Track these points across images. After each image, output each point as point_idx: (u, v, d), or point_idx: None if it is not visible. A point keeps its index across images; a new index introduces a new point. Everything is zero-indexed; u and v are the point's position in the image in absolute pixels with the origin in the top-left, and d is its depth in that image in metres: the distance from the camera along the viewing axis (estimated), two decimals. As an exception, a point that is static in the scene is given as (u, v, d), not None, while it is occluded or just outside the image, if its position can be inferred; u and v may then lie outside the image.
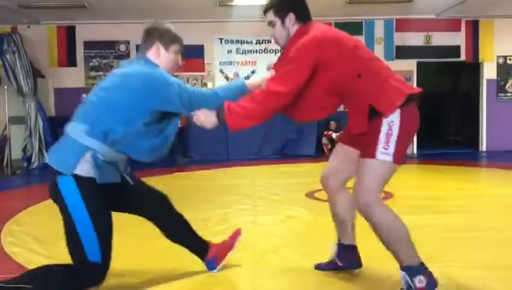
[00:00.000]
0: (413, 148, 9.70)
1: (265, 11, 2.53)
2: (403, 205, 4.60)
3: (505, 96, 9.81)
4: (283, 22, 2.46)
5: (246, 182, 6.26)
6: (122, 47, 9.46)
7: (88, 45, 9.38)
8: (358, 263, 2.74)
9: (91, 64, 9.44)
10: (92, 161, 2.19)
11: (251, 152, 9.19)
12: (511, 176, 6.54)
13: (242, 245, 3.02)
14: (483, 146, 9.85)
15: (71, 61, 9.38)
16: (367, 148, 2.31)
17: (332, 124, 9.21)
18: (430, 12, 9.21)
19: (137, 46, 9.46)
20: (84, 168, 2.18)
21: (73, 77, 9.36)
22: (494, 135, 9.72)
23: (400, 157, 2.30)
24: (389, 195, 5.06)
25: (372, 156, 2.27)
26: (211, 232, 3.63)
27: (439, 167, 7.49)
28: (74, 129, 2.26)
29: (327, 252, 2.80)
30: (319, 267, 2.81)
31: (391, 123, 2.25)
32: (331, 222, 2.78)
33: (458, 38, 9.60)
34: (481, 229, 3.68)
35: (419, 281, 2.27)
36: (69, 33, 9.32)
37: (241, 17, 9.05)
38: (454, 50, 9.61)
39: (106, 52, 9.44)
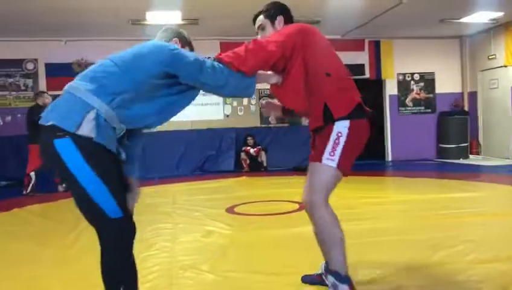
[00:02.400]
0: (326, 160, 10.17)
1: (256, 17, 2.75)
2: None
3: (405, 110, 10.67)
4: (273, 23, 2.69)
5: (165, 201, 6.22)
6: (30, 65, 9.05)
7: (-8, 63, 8.86)
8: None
9: (-5, 83, 8.91)
10: (95, 121, 2.01)
11: (169, 170, 9.13)
12: (412, 183, 7.13)
13: (162, 264, 3.03)
14: (389, 156, 10.60)
15: (-28, 81, 8.80)
16: (316, 153, 2.49)
17: (250, 140, 9.45)
18: (336, 33, 9.82)
19: (46, 64, 9.20)
20: (86, 128, 2.01)
21: (-26, 97, 8.78)
22: (397, 145, 10.52)
23: (344, 166, 2.47)
24: (303, 206, 5.30)
25: (319, 160, 2.45)
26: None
27: (349, 178, 7.92)
28: (78, 87, 2.09)
29: (246, 265, 2.91)
30: (305, 279, 2.84)
31: (339, 134, 2.43)
32: (251, 236, 2.89)
33: (362, 57, 10.32)
34: (387, 233, 3.98)
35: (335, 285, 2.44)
36: (-30, 51, 8.75)
37: (155, 36, 9.03)
38: (359, 68, 10.31)
39: (12, 70, 8.96)
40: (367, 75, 10.40)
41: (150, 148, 9.19)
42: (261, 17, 2.71)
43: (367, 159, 10.68)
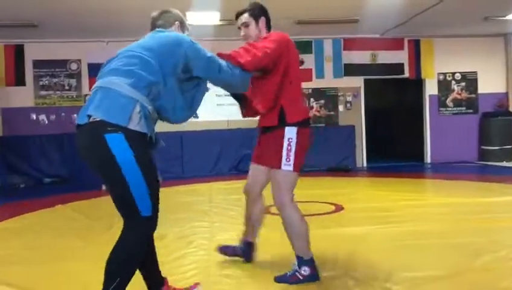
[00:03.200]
0: (363, 161, 10.07)
1: (241, 14, 3.03)
2: (352, 217, 4.83)
3: (446, 110, 10.40)
4: (257, 22, 2.98)
5: (202, 199, 6.31)
6: (74, 66, 9.35)
7: (38, 63, 9.21)
8: (252, 257, 3.33)
9: (41, 83, 9.26)
10: (140, 114, 2.10)
11: (206, 169, 9.24)
12: (452, 186, 6.94)
13: (200, 262, 3.08)
14: (428, 158, 10.37)
15: (20, 81, 9.17)
16: (273, 162, 2.87)
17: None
18: (375, 32, 9.68)
19: (89, 65, 9.48)
20: (134, 121, 2.08)
21: (22, 97, 9.14)
22: (437, 147, 10.26)
23: (299, 167, 2.88)
24: (339, 208, 5.27)
25: (279, 167, 2.84)
26: (168, 251, 3.68)
27: (387, 180, 7.83)
28: (117, 82, 2.14)
29: (284, 263, 2.93)
30: (221, 249, 3.36)
31: (290, 140, 2.82)
32: (285, 236, 2.93)
33: (401, 56, 10.13)
34: (426, 236, 3.91)
35: (304, 270, 2.88)
36: (18, 52, 9.12)
37: (194, 36, 9.14)
38: (398, 67, 10.13)
39: (57, 71, 9.29)
40: (406, 74, 10.20)
41: (188, 148, 9.34)
42: (246, 15, 3.00)
43: (405, 160, 10.57)
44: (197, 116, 9.64)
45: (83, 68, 9.35)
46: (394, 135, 12.85)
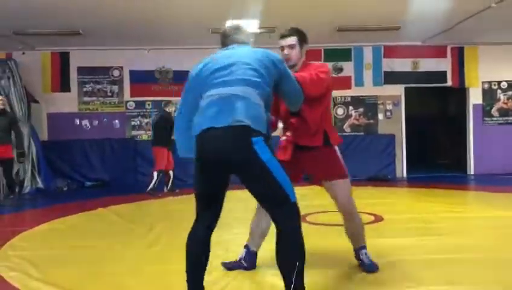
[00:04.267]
0: (403, 171, 9.85)
1: (289, 35, 3.16)
2: (392, 228, 4.71)
3: (491, 120, 10.05)
4: (301, 47, 3.15)
5: (238, 206, 6.32)
6: (116, 72, 9.61)
7: (82, 70, 9.52)
8: (254, 265, 3.38)
9: (85, 89, 9.56)
10: (268, 120, 2.48)
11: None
12: (498, 199, 6.67)
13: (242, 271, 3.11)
14: (471, 169, 10.03)
15: (65, 87, 9.50)
16: (335, 174, 3.17)
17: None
18: (416, 39, 9.49)
19: (131, 72, 9.72)
20: (266, 127, 2.44)
21: (66, 102, 9.47)
22: (481, 158, 9.91)
23: None
24: (379, 218, 5.15)
25: (345, 176, 3.20)
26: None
27: (428, 190, 7.62)
28: (250, 92, 2.41)
29: (330, 274, 2.90)
30: (226, 265, 3.35)
31: (338, 150, 3.22)
32: (323, 245, 2.88)
33: (444, 64, 9.88)
34: (470, 250, 3.76)
35: (367, 253, 3.30)
36: (63, 59, 9.46)
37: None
38: (441, 75, 9.88)
39: (100, 77, 9.57)
40: (449, 83, 9.94)
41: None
42: (295, 38, 3.14)
43: (448, 171, 10.26)
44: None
45: (124, 75, 9.59)
46: (436, 145, 12.53)
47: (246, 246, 3.41)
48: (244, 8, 7.06)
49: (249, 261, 3.36)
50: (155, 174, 7.71)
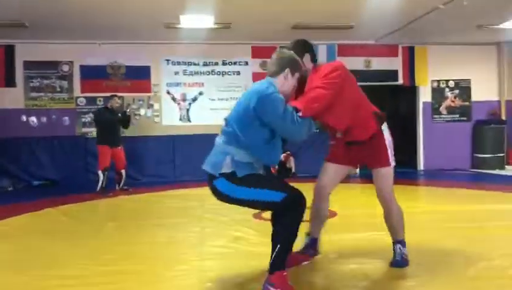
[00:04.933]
0: (357, 168, 10.03)
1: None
2: (346, 224, 4.78)
3: (439, 118, 10.42)
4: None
5: (193, 204, 6.24)
6: (65, 67, 9.25)
7: (28, 64, 9.10)
8: (318, 252, 3.51)
9: (31, 84, 9.14)
10: (231, 162, 2.79)
11: (198, 173, 9.12)
12: (446, 194, 6.92)
13: (190, 267, 3.01)
14: (421, 165, 10.36)
15: (10, 82, 9.05)
16: (376, 161, 3.32)
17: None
18: (369, 38, 9.68)
19: (81, 67, 9.39)
20: (226, 167, 2.79)
21: (12, 98, 9.03)
22: (430, 154, 10.26)
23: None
24: (332, 214, 5.21)
25: (386, 164, 3.33)
26: (159, 255, 3.61)
27: (380, 186, 7.79)
28: (219, 142, 2.91)
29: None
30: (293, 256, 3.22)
31: (388, 141, 3.35)
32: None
33: (396, 63, 10.15)
34: (421, 244, 3.86)
35: (406, 252, 3.31)
36: (8, 52, 9.00)
37: (188, 39, 9.13)
38: (392, 74, 10.14)
39: (48, 72, 9.18)
40: (400, 81, 10.21)
41: (181, 152, 9.26)
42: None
43: (398, 167, 10.51)
44: (189, 120, 9.59)
45: (74, 70, 9.25)
46: (387, 142, 12.82)
47: (307, 234, 3.49)
48: (199, 4, 6.96)
49: (312, 248, 3.47)
50: (100, 173, 7.50)
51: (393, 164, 3.33)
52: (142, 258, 3.58)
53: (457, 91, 10.43)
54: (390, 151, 3.31)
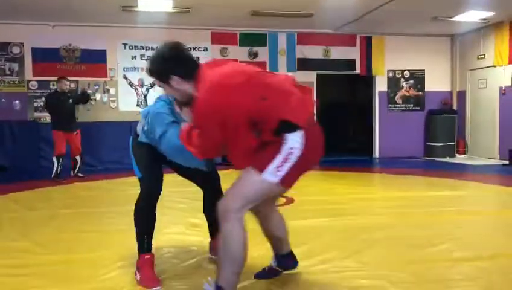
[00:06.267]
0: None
1: (150, 75, 2.39)
2: (303, 209, 4.85)
3: (394, 107, 10.69)
4: (169, 85, 2.32)
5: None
6: (16, 49, 8.86)
7: (-24, 45, 8.66)
8: (294, 264, 2.90)
9: (-21, 66, 8.72)
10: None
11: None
12: (399, 180, 7.14)
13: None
14: (376, 153, 10.63)
15: (-44, 63, 8.59)
16: (257, 159, 2.27)
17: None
18: (328, 27, 9.78)
19: (33, 49, 9.01)
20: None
21: (-42, 80, 8.58)
22: (385, 142, 10.54)
23: (289, 181, 2.32)
24: (290, 200, 5.28)
25: (260, 169, 2.23)
26: (115, 242, 3.55)
27: (337, 174, 7.95)
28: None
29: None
30: (257, 276, 2.83)
31: (287, 149, 2.23)
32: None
33: (353, 53, 10.31)
34: (375, 229, 3.97)
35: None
36: (-46, 32, 8.53)
37: (146, 23, 8.93)
38: (350, 63, 10.30)
39: (-3, 54, 8.77)
40: (357, 70, 10.39)
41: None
42: (155, 78, 2.38)
43: (355, 155, 10.78)
44: (147, 106, 9.41)
45: (26, 52, 8.87)
46: (346, 130, 13.10)
47: (275, 255, 2.85)
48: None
49: (284, 265, 2.86)
50: (54, 159, 7.27)
51: (271, 178, 2.23)
52: (92, 247, 3.51)
53: (411, 81, 10.73)
54: (278, 162, 2.22)
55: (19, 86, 8.90)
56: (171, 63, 2.27)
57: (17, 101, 8.87)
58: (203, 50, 9.61)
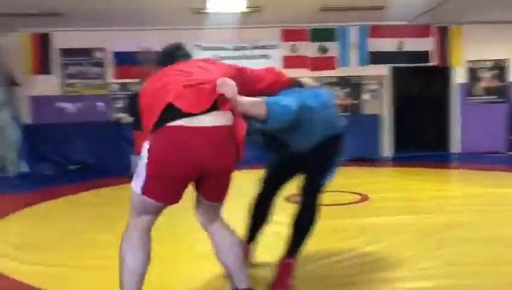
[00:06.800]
0: (388, 151, 9.93)
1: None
2: (377, 207, 4.77)
3: (474, 99, 10.14)
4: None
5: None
6: (98, 54, 9.43)
7: (64, 52, 9.31)
8: None
9: (67, 71, 9.37)
10: None
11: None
12: (480, 176, 6.78)
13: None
14: (454, 148, 10.15)
15: (46, 69, 9.29)
16: None
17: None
18: (402, 19, 9.47)
19: (114, 53, 9.51)
20: None
21: (48, 85, 9.27)
22: (464, 137, 10.03)
23: (150, 191, 2.12)
24: (365, 197, 5.21)
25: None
26: (200, 239, 3.70)
27: (412, 169, 7.70)
28: None
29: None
30: None
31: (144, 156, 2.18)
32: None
33: (428, 44, 9.89)
34: (454, 228, 3.82)
35: None
36: (44, 41, 9.23)
37: (217, 24, 9.13)
38: (425, 55, 9.90)
39: (82, 59, 9.39)
40: (433, 62, 9.97)
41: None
42: None
43: (431, 150, 10.35)
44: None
45: (107, 56, 9.42)
46: (420, 125, 12.62)
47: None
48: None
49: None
50: (132, 157, 7.64)
51: (135, 188, 2.17)
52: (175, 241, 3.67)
53: (493, 71, 10.11)
54: (138, 169, 2.21)
55: (102, 88, 9.47)
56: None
57: (100, 103, 9.46)
58: (273, 48, 9.67)
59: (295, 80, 2.76)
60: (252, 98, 2.26)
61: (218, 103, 2.09)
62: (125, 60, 9.37)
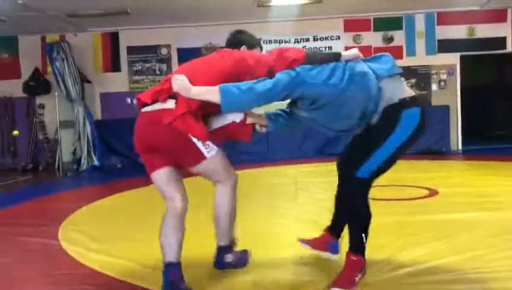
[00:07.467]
0: (458, 143, 9.48)
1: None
2: (447, 202, 4.56)
3: (554, 88, 9.44)
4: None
5: (287, 181, 6.31)
6: (164, 51, 9.72)
7: (131, 50, 9.69)
8: (221, 265, 2.94)
9: (134, 68, 9.74)
10: None
11: (291, 150, 9.20)
12: None
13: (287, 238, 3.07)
14: (531, 140, 9.51)
15: (115, 67, 9.72)
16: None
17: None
18: (472, 4, 8.97)
19: (178, 50, 9.75)
20: None
21: (117, 82, 9.70)
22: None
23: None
24: (434, 192, 5.00)
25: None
26: (260, 232, 3.72)
27: (485, 163, 7.30)
28: None
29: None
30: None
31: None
32: (375, 221, 2.76)
33: (503, 30, 9.31)
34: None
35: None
36: (113, 39, 9.66)
37: (280, 17, 9.11)
38: (499, 41, 9.33)
39: (148, 56, 9.72)
40: (509, 49, 9.37)
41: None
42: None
43: (505, 143, 9.75)
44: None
45: (172, 53, 9.68)
46: (493, 116, 11.93)
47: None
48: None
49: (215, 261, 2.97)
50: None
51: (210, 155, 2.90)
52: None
53: None
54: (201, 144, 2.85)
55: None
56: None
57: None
58: (336, 39, 9.51)
59: (333, 53, 2.69)
60: (207, 87, 2.50)
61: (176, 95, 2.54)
62: (189, 56, 9.57)
